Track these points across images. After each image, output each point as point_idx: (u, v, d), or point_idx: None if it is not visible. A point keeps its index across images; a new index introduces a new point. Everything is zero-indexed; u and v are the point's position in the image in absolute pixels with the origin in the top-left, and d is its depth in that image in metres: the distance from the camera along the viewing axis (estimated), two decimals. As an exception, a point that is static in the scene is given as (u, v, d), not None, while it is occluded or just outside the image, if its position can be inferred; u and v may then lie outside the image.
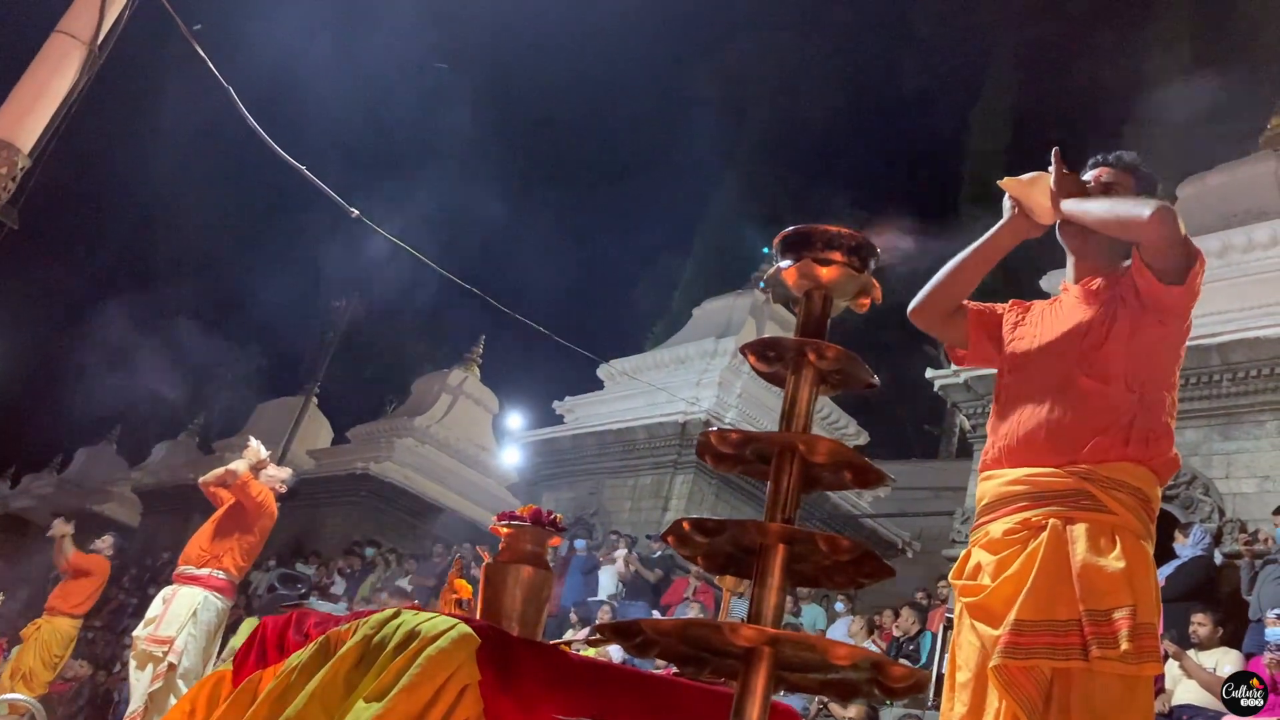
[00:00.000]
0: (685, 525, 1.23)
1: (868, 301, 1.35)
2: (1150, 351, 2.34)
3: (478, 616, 1.97)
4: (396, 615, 1.80)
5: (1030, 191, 2.45)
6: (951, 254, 2.62)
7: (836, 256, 1.30)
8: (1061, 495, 2.26)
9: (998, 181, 2.50)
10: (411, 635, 1.69)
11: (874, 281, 1.32)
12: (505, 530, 2.02)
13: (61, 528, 9.02)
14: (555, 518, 2.01)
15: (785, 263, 1.34)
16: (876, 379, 1.31)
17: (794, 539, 1.16)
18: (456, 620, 1.71)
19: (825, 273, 1.30)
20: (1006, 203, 2.55)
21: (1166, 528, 7.94)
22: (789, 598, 9.03)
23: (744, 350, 1.33)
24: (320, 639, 1.89)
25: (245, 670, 2.20)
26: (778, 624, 1.15)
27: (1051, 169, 2.46)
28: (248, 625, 9.67)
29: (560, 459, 16.05)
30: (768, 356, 1.31)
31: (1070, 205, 2.42)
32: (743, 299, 16.32)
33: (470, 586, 2.54)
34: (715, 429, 1.28)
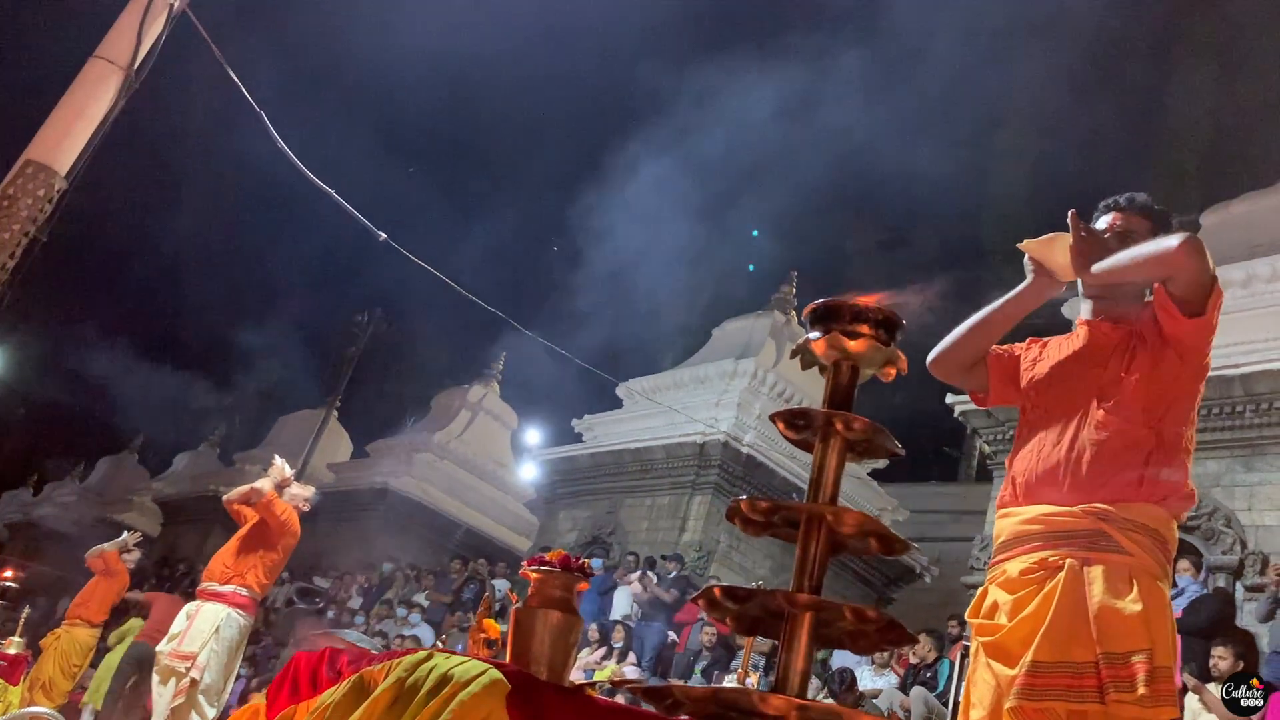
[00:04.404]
0: (716, 592, 1.28)
1: (894, 372, 1.39)
2: (1169, 387, 2.34)
3: (507, 660, 2.02)
4: (429, 658, 1.86)
5: (1050, 252, 2.46)
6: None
7: (864, 329, 1.35)
8: (1078, 536, 2.25)
9: (1017, 244, 2.51)
10: (444, 679, 1.74)
11: (899, 353, 1.36)
12: (535, 575, 2.08)
13: (131, 537, 9.73)
14: (584, 563, 2.06)
15: (814, 334, 1.38)
16: (902, 449, 1.35)
17: (821, 608, 1.21)
18: (488, 665, 1.76)
19: (853, 345, 1.34)
20: (1027, 263, 2.54)
21: (1177, 555, 7.85)
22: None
23: (773, 418, 1.38)
24: (354, 678, 1.95)
25: (279, 703, 2.26)
26: (804, 690, 1.20)
27: (1070, 231, 2.46)
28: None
29: (578, 477, 16.08)
30: (797, 425, 1.36)
31: (1099, 269, 2.40)
32: (762, 320, 16.31)
33: (498, 626, 2.59)
34: (746, 498, 1.32)
